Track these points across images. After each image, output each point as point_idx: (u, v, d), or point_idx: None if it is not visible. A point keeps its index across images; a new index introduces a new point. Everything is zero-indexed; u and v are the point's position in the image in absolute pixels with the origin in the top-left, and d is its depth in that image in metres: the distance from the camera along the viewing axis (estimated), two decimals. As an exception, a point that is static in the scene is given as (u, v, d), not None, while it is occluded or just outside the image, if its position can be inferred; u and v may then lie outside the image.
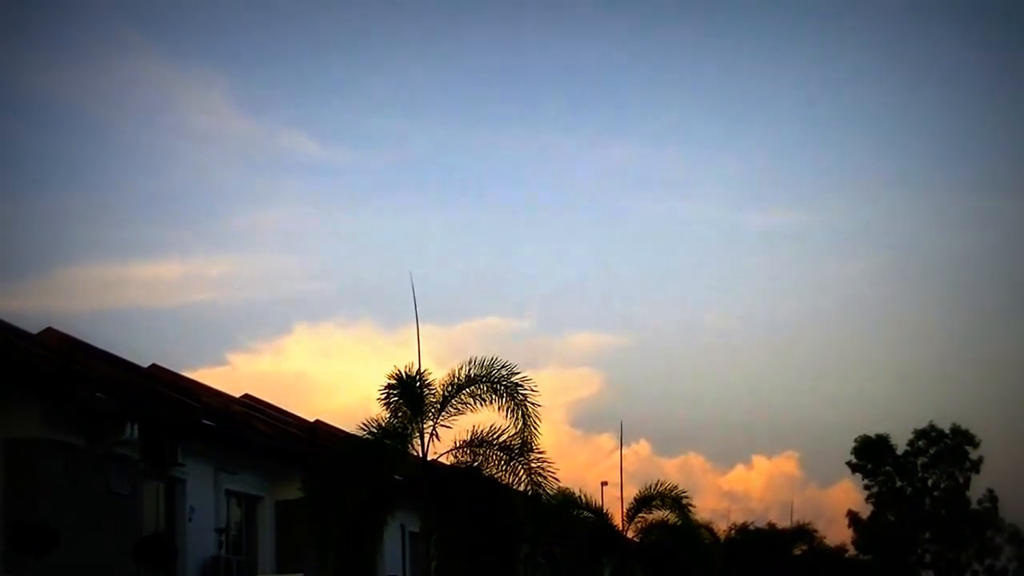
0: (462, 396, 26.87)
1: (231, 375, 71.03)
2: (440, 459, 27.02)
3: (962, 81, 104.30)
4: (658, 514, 40.81)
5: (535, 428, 26.73)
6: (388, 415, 26.76)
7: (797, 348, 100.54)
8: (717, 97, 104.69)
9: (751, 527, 58.86)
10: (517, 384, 26.78)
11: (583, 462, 74.28)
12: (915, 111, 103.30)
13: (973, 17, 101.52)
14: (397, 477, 27.16)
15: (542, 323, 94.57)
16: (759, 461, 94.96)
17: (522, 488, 26.97)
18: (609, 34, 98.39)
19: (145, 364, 31.04)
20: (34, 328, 27.40)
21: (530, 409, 26.69)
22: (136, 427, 24.92)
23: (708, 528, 49.34)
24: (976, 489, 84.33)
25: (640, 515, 40.65)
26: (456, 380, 26.85)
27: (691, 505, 41.69)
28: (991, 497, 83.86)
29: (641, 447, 77.94)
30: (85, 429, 24.04)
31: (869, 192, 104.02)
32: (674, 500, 40.91)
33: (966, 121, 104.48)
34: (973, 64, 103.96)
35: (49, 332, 27.74)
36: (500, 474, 26.81)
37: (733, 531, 56.34)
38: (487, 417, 26.93)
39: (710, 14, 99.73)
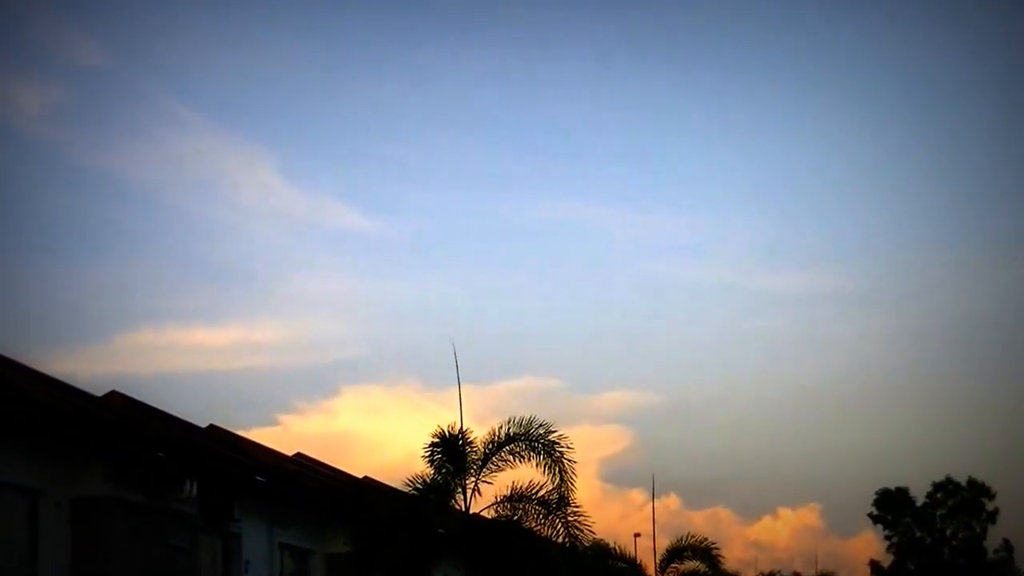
0: (502, 453, 26.75)
1: (283, 435, 70.91)
2: (482, 513, 26.90)
3: (969, 145, 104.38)
4: (689, 564, 40.60)
5: (571, 483, 26.63)
6: (432, 472, 26.67)
7: (819, 405, 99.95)
8: (736, 169, 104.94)
9: (777, 576, 58.42)
10: (553, 442, 26.66)
11: (616, 515, 73.86)
12: (922, 177, 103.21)
13: (972, 80, 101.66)
14: (441, 530, 27.01)
15: (574, 382, 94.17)
16: (784, 513, 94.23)
17: (559, 540, 26.81)
18: (631, 108, 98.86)
19: (203, 425, 31.08)
20: (99, 391, 27.47)
21: (566, 465, 26.57)
22: (195, 484, 24.90)
23: (737, 577, 48.97)
24: (992, 539, 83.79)
25: (672, 565, 40.42)
26: (496, 438, 26.74)
27: (720, 555, 41.47)
28: (1007, 547, 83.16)
29: (671, 500, 77.28)
30: (147, 487, 24.02)
31: (882, 256, 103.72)
32: (704, 551, 40.69)
33: (972, 184, 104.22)
34: (980, 128, 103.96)
35: (113, 395, 27.78)
36: (539, 527, 26.65)
37: (760, 580, 55.91)
38: (526, 473, 26.84)
39: (723, 86, 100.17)
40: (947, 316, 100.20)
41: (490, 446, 26.70)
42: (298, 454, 35.40)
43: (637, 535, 44.70)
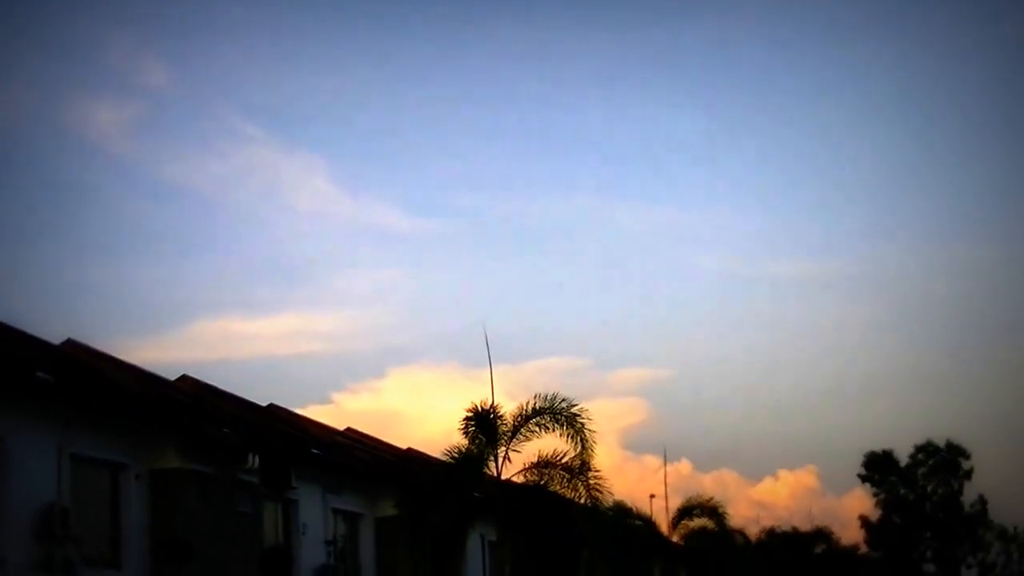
0: (529, 426, 26.76)
1: (335, 412, 71.09)
2: (512, 479, 26.93)
3: (958, 139, 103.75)
4: (698, 522, 40.66)
5: (592, 451, 26.64)
6: (468, 443, 26.72)
7: (814, 379, 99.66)
8: (739, 166, 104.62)
9: (777, 531, 58.24)
10: (576, 414, 26.68)
11: (633, 479, 73.61)
12: (911, 170, 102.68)
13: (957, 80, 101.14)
14: (476, 495, 27.05)
15: (596, 360, 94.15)
16: (784, 475, 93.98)
17: (582, 501, 26.83)
18: (637, 116, 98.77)
19: (264, 404, 31.18)
20: (171, 375, 27.67)
21: (587, 435, 26.58)
22: (257, 457, 24.97)
23: (741, 533, 48.86)
24: (968, 495, 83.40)
25: (683, 523, 40.50)
26: (524, 412, 26.76)
27: (726, 513, 41.59)
28: (981, 501, 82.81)
29: (683, 465, 77.13)
30: (215, 459, 24.13)
31: (871, 244, 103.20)
32: (712, 510, 40.76)
33: (960, 178, 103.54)
34: (985, 123, 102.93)
35: (184, 379, 27.92)
36: (563, 490, 26.69)
37: (762, 535, 55.74)
38: (551, 442, 26.86)
39: (724, 85, 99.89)
40: (927, 299, 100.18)
41: (519, 419, 26.73)
42: (348, 429, 35.46)
43: (652, 496, 44.59)
